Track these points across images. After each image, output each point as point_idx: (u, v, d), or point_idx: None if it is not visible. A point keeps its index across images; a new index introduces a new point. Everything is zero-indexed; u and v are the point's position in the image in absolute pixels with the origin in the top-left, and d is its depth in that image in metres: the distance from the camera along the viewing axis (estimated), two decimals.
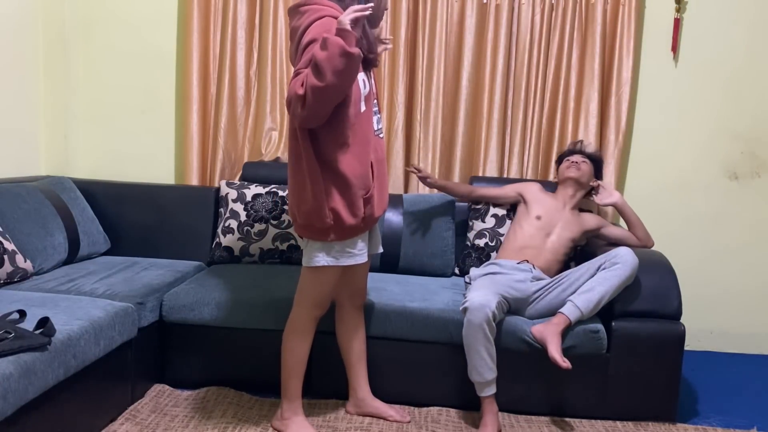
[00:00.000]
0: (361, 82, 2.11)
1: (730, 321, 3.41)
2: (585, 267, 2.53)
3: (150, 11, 3.43)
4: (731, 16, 3.27)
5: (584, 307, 2.39)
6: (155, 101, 3.48)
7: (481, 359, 2.32)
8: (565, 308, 2.41)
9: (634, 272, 2.43)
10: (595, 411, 2.51)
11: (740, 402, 2.78)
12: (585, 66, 3.27)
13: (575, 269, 2.58)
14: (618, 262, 2.42)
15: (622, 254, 2.44)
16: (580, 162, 2.92)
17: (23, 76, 3.17)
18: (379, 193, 2.21)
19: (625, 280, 2.42)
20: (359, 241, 2.18)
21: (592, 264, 2.50)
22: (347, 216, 2.09)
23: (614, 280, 2.40)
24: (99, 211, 3.16)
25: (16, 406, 1.73)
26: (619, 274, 2.40)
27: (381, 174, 2.22)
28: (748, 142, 3.33)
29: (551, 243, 2.77)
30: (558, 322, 2.39)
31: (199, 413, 2.42)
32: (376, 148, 2.21)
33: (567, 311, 2.40)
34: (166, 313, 2.59)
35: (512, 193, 3.00)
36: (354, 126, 2.10)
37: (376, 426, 2.38)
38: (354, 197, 2.09)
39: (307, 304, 2.24)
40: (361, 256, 2.20)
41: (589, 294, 2.41)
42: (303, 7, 2.10)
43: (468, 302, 2.35)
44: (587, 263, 2.54)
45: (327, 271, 2.18)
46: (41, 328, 1.91)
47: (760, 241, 3.37)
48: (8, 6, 3.05)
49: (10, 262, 2.47)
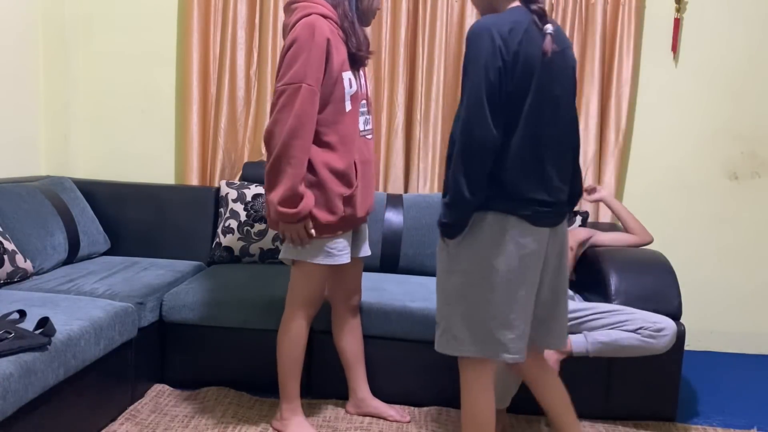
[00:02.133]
0: (346, 81, 2.12)
1: (730, 321, 3.41)
2: (627, 310, 2.35)
3: (150, 11, 3.43)
4: (731, 16, 3.27)
5: (593, 351, 2.31)
6: (155, 101, 3.48)
7: (509, 387, 2.29)
8: (576, 342, 2.32)
9: (664, 350, 2.29)
10: (595, 411, 2.50)
11: (740, 402, 2.78)
12: (585, 66, 3.27)
13: (613, 307, 2.39)
14: (654, 339, 2.26)
15: (668, 329, 2.27)
16: None
17: (23, 76, 3.17)
18: (363, 194, 2.20)
19: (648, 351, 2.29)
20: (341, 240, 2.18)
21: (634, 320, 2.30)
22: (322, 213, 2.10)
23: (636, 348, 2.27)
24: (99, 211, 3.16)
25: (16, 406, 1.73)
26: (646, 348, 2.27)
27: (366, 175, 2.22)
28: (748, 142, 3.33)
29: None
30: (562, 350, 2.32)
31: (199, 413, 2.42)
32: (362, 149, 2.20)
33: (575, 346, 2.32)
34: (166, 313, 2.59)
35: None
36: (337, 125, 2.11)
37: (376, 426, 2.38)
38: (331, 194, 2.10)
39: (297, 303, 2.24)
40: (342, 256, 2.19)
41: (605, 347, 2.28)
42: (294, 5, 2.12)
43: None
44: (630, 314, 2.34)
45: (313, 270, 2.19)
46: (41, 328, 1.91)
47: (760, 241, 3.37)
48: (8, 6, 3.05)
49: (10, 262, 2.47)
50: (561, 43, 1.81)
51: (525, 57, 1.71)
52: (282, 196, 2.04)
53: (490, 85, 1.69)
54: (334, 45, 2.07)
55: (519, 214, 1.78)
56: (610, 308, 2.38)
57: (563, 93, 1.83)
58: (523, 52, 1.71)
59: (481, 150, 1.72)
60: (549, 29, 1.74)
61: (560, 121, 1.83)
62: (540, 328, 1.93)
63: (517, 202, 1.78)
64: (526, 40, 1.72)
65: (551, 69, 1.76)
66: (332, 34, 2.08)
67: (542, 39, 1.74)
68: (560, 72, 1.81)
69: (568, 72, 1.86)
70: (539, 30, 1.75)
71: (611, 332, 2.30)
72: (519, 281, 1.80)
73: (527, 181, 1.78)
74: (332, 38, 2.07)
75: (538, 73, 1.74)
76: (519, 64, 1.71)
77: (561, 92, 1.82)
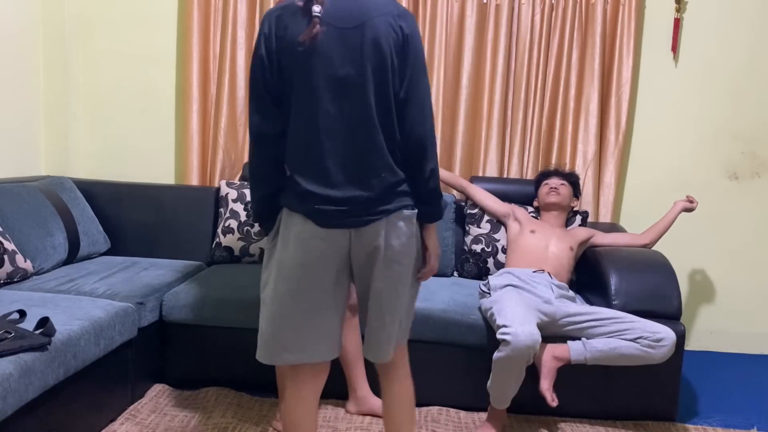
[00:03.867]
0: None
1: (730, 321, 3.41)
2: (627, 318, 2.34)
3: (150, 11, 3.43)
4: (731, 16, 3.27)
5: (591, 359, 2.31)
6: (155, 101, 3.48)
7: (510, 388, 2.28)
8: (575, 349, 2.33)
9: (663, 359, 2.29)
10: (595, 411, 2.51)
11: (740, 402, 2.78)
12: (585, 66, 3.27)
13: (613, 314, 2.37)
14: (653, 349, 2.26)
15: (667, 339, 2.26)
16: (559, 186, 2.93)
17: (23, 77, 3.17)
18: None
19: (647, 361, 2.29)
20: None
21: (633, 329, 2.30)
22: None
23: (635, 357, 2.28)
24: (99, 211, 3.16)
25: (16, 406, 1.73)
26: (645, 357, 2.28)
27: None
28: (748, 142, 3.33)
29: (552, 252, 2.76)
30: (561, 357, 2.34)
31: (199, 413, 2.42)
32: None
33: (574, 353, 2.32)
34: (166, 313, 2.59)
35: (504, 208, 3.00)
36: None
37: (376, 426, 2.38)
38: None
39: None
40: None
41: (604, 355, 2.29)
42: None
43: (511, 335, 2.16)
44: (628, 317, 2.35)
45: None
46: (41, 328, 1.91)
47: (760, 241, 3.37)
48: (8, 6, 3.05)
49: (10, 262, 2.47)
50: (356, 18, 1.60)
51: (289, 43, 1.61)
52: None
53: (252, 74, 1.69)
54: None
55: (299, 210, 1.68)
56: (610, 315, 2.36)
57: (350, 75, 1.61)
58: (289, 38, 1.61)
59: (257, 140, 1.72)
60: (316, 11, 1.59)
61: (347, 107, 1.62)
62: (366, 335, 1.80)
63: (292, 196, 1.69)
64: (293, 24, 1.62)
65: (320, 52, 1.60)
66: None
67: (307, 23, 1.60)
68: (341, 52, 1.60)
69: (363, 49, 1.60)
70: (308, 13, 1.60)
71: (610, 341, 2.30)
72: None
73: (301, 173, 1.67)
74: None
75: (301, 59, 1.61)
76: (283, 50, 1.63)
77: (345, 74, 1.61)
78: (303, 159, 1.66)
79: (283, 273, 1.70)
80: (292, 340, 1.72)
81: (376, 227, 1.66)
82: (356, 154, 1.64)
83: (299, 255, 1.67)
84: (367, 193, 1.65)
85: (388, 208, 1.67)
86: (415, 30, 1.67)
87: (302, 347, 1.73)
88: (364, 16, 1.61)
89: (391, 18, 1.62)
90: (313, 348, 1.73)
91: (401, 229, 1.68)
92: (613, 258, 2.65)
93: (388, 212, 1.67)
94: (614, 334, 2.31)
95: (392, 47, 1.62)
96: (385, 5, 1.64)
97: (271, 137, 1.69)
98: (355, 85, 1.61)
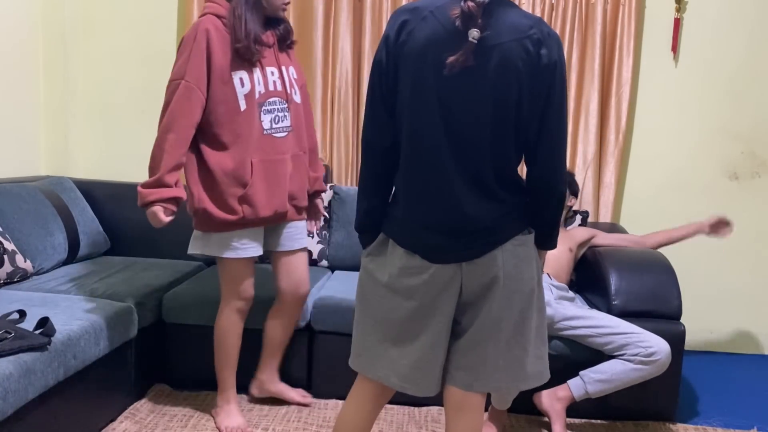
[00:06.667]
0: (237, 81, 2.13)
1: (730, 321, 3.41)
2: (622, 329, 2.34)
3: (150, 11, 3.43)
4: (731, 16, 3.27)
5: (593, 392, 2.32)
6: (155, 101, 3.41)
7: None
8: (575, 386, 2.34)
9: (660, 372, 2.31)
10: (595, 411, 2.51)
11: (740, 402, 2.78)
12: (585, 66, 3.27)
13: (609, 323, 2.37)
14: (647, 365, 2.27)
15: (659, 353, 2.27)
16: None
17: (23, 76, 3.17)
18: (268, 193, 2.20)
19: (647, 377, 2.31)
20: (244, 236, 2.22)
21: (628, 343, 2.29)
22: (215, 210, 2.17)
23: (634, 377, 2.29)
24: (99, 211, 3.15)
25: (16, 406, 1.74)
26: (643, 375, 2.29)
27: (270, 174, 2.20)
28: (748, 142, 3.33)
29: (551, 253, 2.74)
30: (564, 397, 2.34)
31: (199, 413, 2.42)
32: (265, 148, 2.19)
33: (575, 390, 2.34)
34: (166, 313, 2.60)
35: None
36: (232, 124, 2.14)
37: (376, 426, 2.38)
38: (222, 194, 2.16)
39: (224, 297, 2.34)
40: (245, 250, 2.24)
41: (604, 385, 2.30)
42: (205, 3, 2.20)
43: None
44: (624, 326, 2.35)
45: (226, 264, 2.26)
46: (41, 328, 1.92)
47: (760, 241, 3.37)
48: (8, 6, 3.05)
49: (10, 262, 2.47)
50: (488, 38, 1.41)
51: (409, 50, 1.45)
52: (147, 181, 2.18)
53: (370, 78, 1.55)
54: (218, 45, 2.10)
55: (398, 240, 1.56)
56: (605, 323, 2.36)
57: (467, 111, 1.45)
58: (410, 43, 1.45)
59: (366, 150, 1.60)
60: (474, 36, 1.39)
61: (462, 139, 1.47)
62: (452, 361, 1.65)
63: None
64: (419, 29, 1.44)
65: (450, 79, 1.43)
66: (218, 33, 2.11)
67: (455, 42, 1.40)
68: (469, 88, 1.44)
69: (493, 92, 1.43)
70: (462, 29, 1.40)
71: (604, 368, 2.31)
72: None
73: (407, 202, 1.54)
74: (217, 38, 2.10)
75: (430, 74, 1.44)
76: (401, 57, 1.47)
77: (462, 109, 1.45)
78: (409, 182, 1.53)
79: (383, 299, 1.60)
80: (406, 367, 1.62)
81: (492, 256, 1.51)
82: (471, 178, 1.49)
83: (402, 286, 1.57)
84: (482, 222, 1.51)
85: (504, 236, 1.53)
86: (560, 56, 1.47)
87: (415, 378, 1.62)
88: (499, 38, 1.42)
89: (529, 41, 1.43)
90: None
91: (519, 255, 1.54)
92: (613, 258, 2.65)
93: (504, 240, 1.52)
94: (605, 349, 2.33)
95: (523, 72, 1.43)
96: (524, 27, 1.44)
97: (380, 149, 1.56)
98: (473, 121, 1.46)
